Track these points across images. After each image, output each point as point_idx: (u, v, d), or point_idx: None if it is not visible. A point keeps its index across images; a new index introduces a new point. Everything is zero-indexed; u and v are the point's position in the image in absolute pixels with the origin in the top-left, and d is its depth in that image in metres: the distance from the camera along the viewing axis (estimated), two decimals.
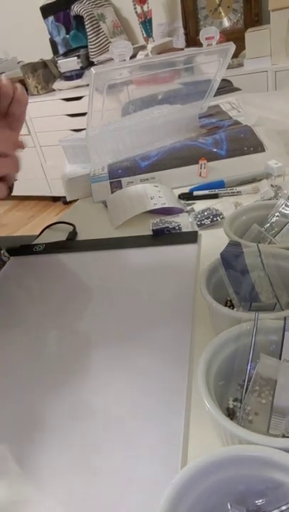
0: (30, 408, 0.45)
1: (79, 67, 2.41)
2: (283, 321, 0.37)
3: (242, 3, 2.13)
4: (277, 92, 1.73)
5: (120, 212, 0.78)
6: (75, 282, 0.65)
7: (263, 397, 0.37)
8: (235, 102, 1.09)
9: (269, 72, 1.85)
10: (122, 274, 0.64)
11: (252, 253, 0.48)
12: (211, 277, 0.47)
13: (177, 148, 0.88)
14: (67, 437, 0.41)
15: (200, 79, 0.95)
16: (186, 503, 0.28)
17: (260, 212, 0.59)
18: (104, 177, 0.87)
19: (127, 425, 0.41)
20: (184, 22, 2.27)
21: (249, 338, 0.38)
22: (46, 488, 0.37)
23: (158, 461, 0.37)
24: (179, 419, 0.40)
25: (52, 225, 0.84)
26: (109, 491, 0.36)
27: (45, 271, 0.70)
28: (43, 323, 0.58)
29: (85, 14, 2.30)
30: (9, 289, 0.67)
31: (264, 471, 0.29)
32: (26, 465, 0.39)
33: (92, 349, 0.51)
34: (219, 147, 0.85)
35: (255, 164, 0.81)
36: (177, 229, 0.70)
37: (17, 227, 2.69)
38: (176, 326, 0.51)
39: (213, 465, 0.29)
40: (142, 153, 0.90)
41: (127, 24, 2.51)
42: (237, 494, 0.30)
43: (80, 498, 0.36)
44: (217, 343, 0.38)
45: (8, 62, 2.77)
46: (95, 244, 0.73)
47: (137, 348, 0.49)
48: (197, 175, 0.84)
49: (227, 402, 0.38)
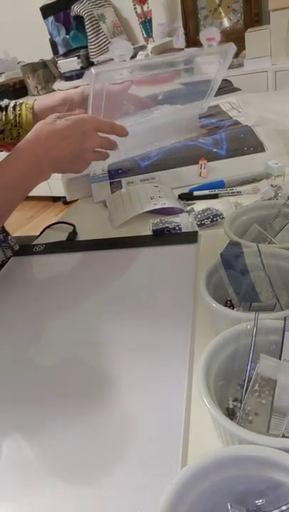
0: (28, 415, 0.45)
1: (79, 67, 2.41)
2: (283, 321, 0.37)
3: (242, 3, 2.13)
4: (277, 92, 1.73)
5: (120, 213, 0.78)
6: (75, 282, 0.65)
7: (263, 397, 0.37)
8: (235, 102, 1.09)
9: (269, 72, 1.85)
10: (122, 274, 0.64)
11: (252, 253, 0.48)
12: (211, 277, 0.47)
13: (177, 148, 0.88)
14: (67, 438, 0.41)
15: (200, 79, 0.95)
16: (186, 503, 0.28)
17: (260, 212, 0.59)
18: (105, 177, 0.87)
19: (127, 425, 0.41)
20: (184, 22, 2.27)
21: (249, 338, 0.38)
22: (46, 488, 0.37)
23: (158, 461, 0.37)
24: (179, 419, 0.40)
25: (52, 225, 0.84)
26: (109, 491, 0.36)
27: (45, 271, 0.71)
28: (43, 323, 0.58)
29: (85, 14, 2.30)
30: (9, 289, 0.67)
31: (264, 471, 0.29)
32: (26, 461, 0.39)
33: (92, 349, 0.51)
34: (219, 147, 0.85)
35: (255, 164, 0.81)
36: (177, 229, 0.70)
37: (17, 228, 2.68)
38: (176, 326, 0.51)
39: (213, 465, 0.29)
40: (142, 153, 0.90)
41: (127, 24, 2.51)
42: (237, 494, 0.30)
43: (80, 498, 0.36)
44: (217, 343, 0.38)
45: (8, 62, 2.77)
46: (95, 244, 0.73)
47: (137, 347, 0.49)
48: (197, 175, 0.84)
49: (227, 402, 0.38)
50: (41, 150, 0.65)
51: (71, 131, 0.66)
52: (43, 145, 0.65)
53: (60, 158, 0.67)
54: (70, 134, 0.66)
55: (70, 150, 0.66)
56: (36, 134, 0.66)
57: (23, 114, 0.89)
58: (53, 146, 0.65)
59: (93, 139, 0.68)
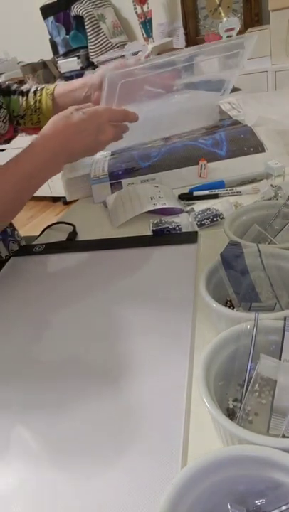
0: (25, 413, 0.45)
1: (79, 67, 2.41)
2: (283, 321, 0.37)
3: (242, 3, 2.13)
4: (277, 92, 1.73)
5: (120, 213, 0.78)
6: (75, 282, 0.65)
7: (263, 397, 0.37)
8: (235, 102, 1.09)
9: (269, 72, 1.84)
10: (122, 274, 0.64)
11: (252, 253, 0.48)
12: (211, 277, 0.47)
13: (177, 148, 0.88)
14: (67, 438, 0.41)
15: (215, 78, 0.94)
16: (186, 503, 0.28)
17: (260, 213, 0.59)
18: (105, 178, 0.87)
19: (127, 425, 0.41)
20: (184, 22, 2.27)
21: (249, 338, 0.38)
22: (45, 485, 0.37)
23: (158, 461, 0.37)
24: (179, 419, 0.40)
25: (52, 225, 0.84)
26: (109, 491, 0.36)
27: (45, 271, 0.71)
28: (42, 323, 0.58)
29: (85, 14, 2.30)
30: (9, 289, 0.67)
31: (264, 471, 0.29)
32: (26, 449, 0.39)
33: (91, 350, 0.51)
34: (219, 147, 0.85)
35: (255, 164, 0.81)
36: (177, 229, 0.70)
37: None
38: (176, 326, 0.51)
39: (213, 465, 0.29)
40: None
41: (127, 24, 2.51)
42: (237, 494, 0.30)
43: (80, 499, 0.36)
44: (217, 343, 0.38)
45: (8, 62, 2.76)
46: (95, 244, 0.73)
47: (136, 347, 0.49)
48: (197, 176, 0.84)
49: (227, 402, 0.38)
50: (58, 144, 0.69)
51: (86, 124, 0.70)
52: (60, 139, 0.69)
53: (75, 151, 0.72)
54: (86, 128, 0.70)
55: (85, 143, 0.71)
56: (53, 128, 0.70)
57: (43, 100, 0.90)
58: (70, 141, 0.70)
59: (107, 131, 0.72)
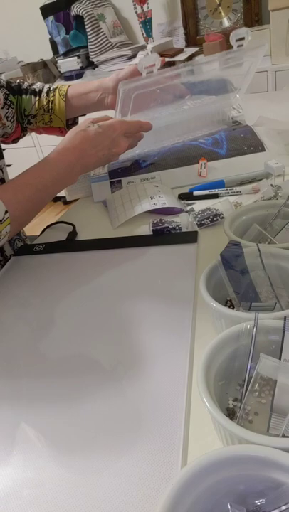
0: (29, 421, 0.45)
1: (79, 67, 2.41)
2: (283, 321, 0.37)
3: (242, 3, 2.13)
4: (277, 92, 1.73)
5: (120, 213, 0.78)
6: (75, 282, 0.65)
7: (263, 397, 0.37)
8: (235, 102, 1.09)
9: (269, 72, 1.84)
10: (122, 274, 0.64)
11: (252, 253, 0.48)
12: (211, 277, 0.47)
13: (177, 148, 0.88)
14: (67, 438, 0.41)
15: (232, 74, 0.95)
16: (186, 503, 0.28)
17: (260, 212, 0.59)
18: (105, 177, 0.87)
19: (127, 425, 0.41)
20: (184, 22, 2.27)
21: (249, 338, 0.38)
22: (45, 483, 0.37)
23: (158, 461, 0.37)
24: (179, 419, 0.40)
25: (52, 225, 0.84)
26: (109, 491, 0.36)
27: (45, 271, 0.70)
28: (43, 323, 0.58)
29: (85, 14, 2.30)
30: (9, 288, 0.67)
31: (264, 471, 0.29)
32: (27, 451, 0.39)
33: (91, 350, 0.51)
34: (219, 147, 0.85)
35: (255, 164, 0.81)
36: (177, 229, 0.70)
37: None
38: (176, 325, 0.51)
39: (213, 465, 0.29)
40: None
41: (127, 24, 2.51)
42: (237, 494, 0.30)
43: (80, 499, 0.36)
44: (217, 343, 0.38)
45: (8, 62, 2.76)
46: (95, 244, 0.73)
47: (136, 347, 0.49)
48: (197, 175, 0.84)
49: (227, 402, 0.38)
50: (74, 158, 0.73)
51: (102, 138, 0.74)
52: (76, 153, 0.73)
53: (90, 163, 0.75)
54: (101, 142, 0.74)
55: (99, 157, 0.75)
56: (70, 142, 0.74)
57: (56, 101, 0.91)
58: (85, 154, 0.73)
59: (121, 144, 0.76)
